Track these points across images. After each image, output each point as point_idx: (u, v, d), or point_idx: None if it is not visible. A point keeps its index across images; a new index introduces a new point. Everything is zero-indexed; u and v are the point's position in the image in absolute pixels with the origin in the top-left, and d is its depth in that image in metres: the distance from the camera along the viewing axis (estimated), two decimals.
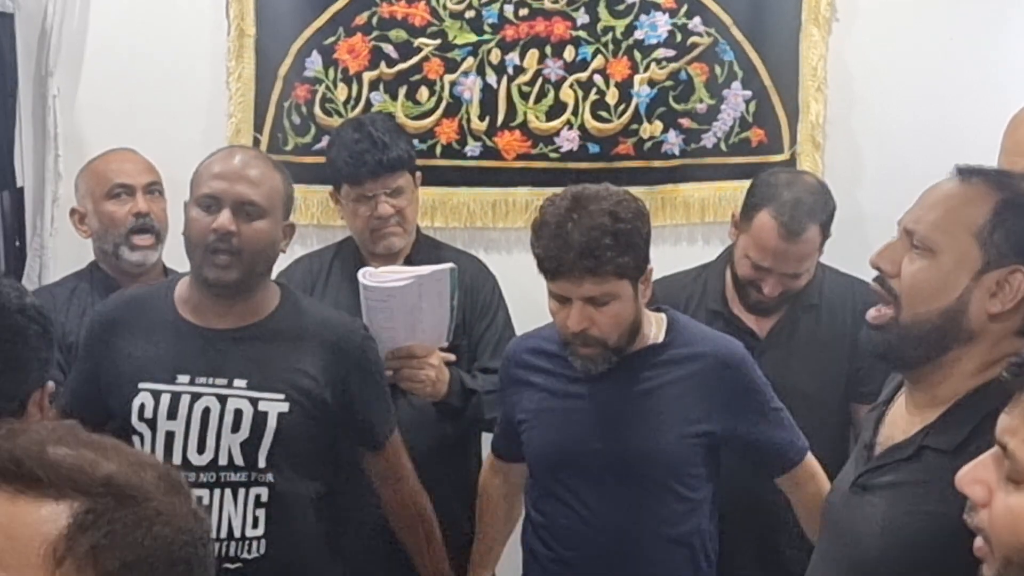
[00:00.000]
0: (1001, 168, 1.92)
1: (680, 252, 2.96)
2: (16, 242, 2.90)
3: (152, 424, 1.99)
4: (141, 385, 2.00)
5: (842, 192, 2.56)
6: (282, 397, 1.99)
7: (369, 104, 2.95)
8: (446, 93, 2.96)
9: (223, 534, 1.97)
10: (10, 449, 0.83)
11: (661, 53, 2.95)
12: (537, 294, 2.06)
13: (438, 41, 2.95)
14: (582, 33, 2.95)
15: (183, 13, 2.98)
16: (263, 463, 1.99)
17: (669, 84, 2.96)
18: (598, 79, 2.96)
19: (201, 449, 1.98)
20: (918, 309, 1.53)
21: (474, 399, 2.41)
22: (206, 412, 1.98)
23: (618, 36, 2.95)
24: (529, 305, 2.32)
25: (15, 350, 1.50)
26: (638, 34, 2.95)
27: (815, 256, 2.44)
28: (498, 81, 2.96)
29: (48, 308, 1.72)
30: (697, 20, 2.94)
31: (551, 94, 2.97)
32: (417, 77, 2.96)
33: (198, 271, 2.02)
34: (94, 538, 0.81)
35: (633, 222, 1.92)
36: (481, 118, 2.97)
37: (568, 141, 2.98)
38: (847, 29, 2.96)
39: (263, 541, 2.00)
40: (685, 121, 2.97)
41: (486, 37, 2.95)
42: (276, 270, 2.15)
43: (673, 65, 2.95)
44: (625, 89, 2.96)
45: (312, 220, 2.98)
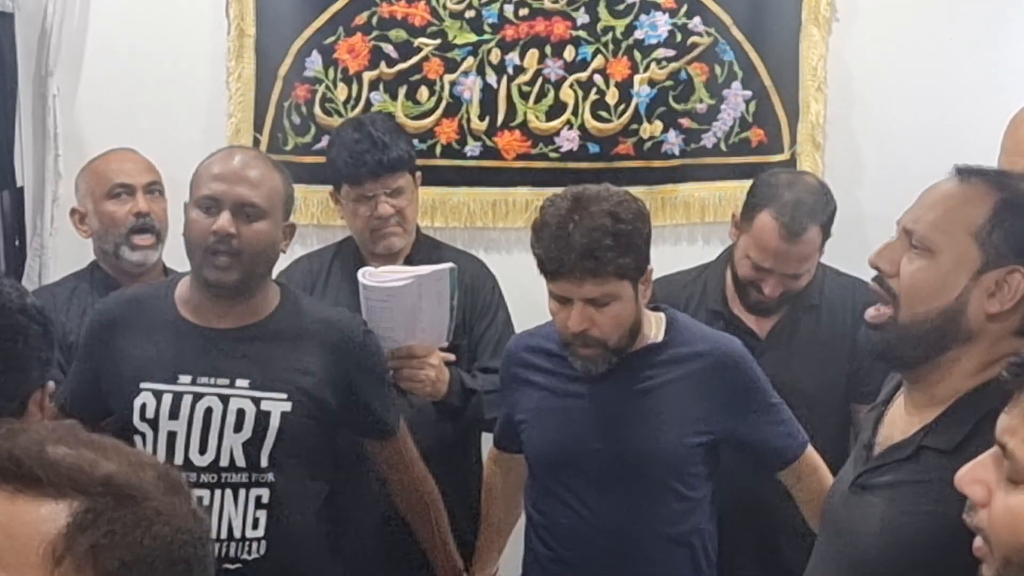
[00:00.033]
0: (1001, 168, 1.92)
1: (680, 252, 2.96)
2: (16, 242, 2.90)
3: (154, 424, 1.99)
4: (143, 385, 2.00)
5: (842, 192, 2.56)
6: (284, 396, 1.99)
7: (369, 104, 2.95)
8: (446, 93, 2.96)
9: (223, 535, 1.97)
10: (9, 448, 0.83)
11: (661, 53, 2.95)
12: (537, 294, 2.06)
13: (438, 41, 2.95)
14: (582, 33, 2.95)
15: (183, 13, 2.98)
16: (265, 463, 1.99)
17: (669, 84, 2.96)
18: (598, 79, 2.96)
19: (203, 449, 1.98)
20: (917, 309, 1.53)
21: (474, 399, 2.41)
22: (208, 412, 1.98)
23: (618, 36, 2.95)
24: (529, 305, 2.32)
25: (16, 349, 1.50)
26: (638, 34, 2.95)
27: (816, 257, 2.44)
28: (498, 81, 2.96)
29: (48, 308, 1.72)
30: (697, 20, 2.94)
31: (551, 94, 2.97)
32: (417, 77, 2.96)
33: (198, 272, 2.02)
34: (93, 537, 0.81)
35: (634, 223, 1.92)
36: (481, 118, 2.97)
37: (568, 141, 2.98)
38: (847, 29, 2.96)
39: (263, 542, 2.00)
40: (685, 121, 2.98)
41: (486, 37, 2.95)
42: (276, 270, 2.15)
43: (673, 65, 2.95)
44: (625, 89, 2.96)
45: (312, 220, 2.98)
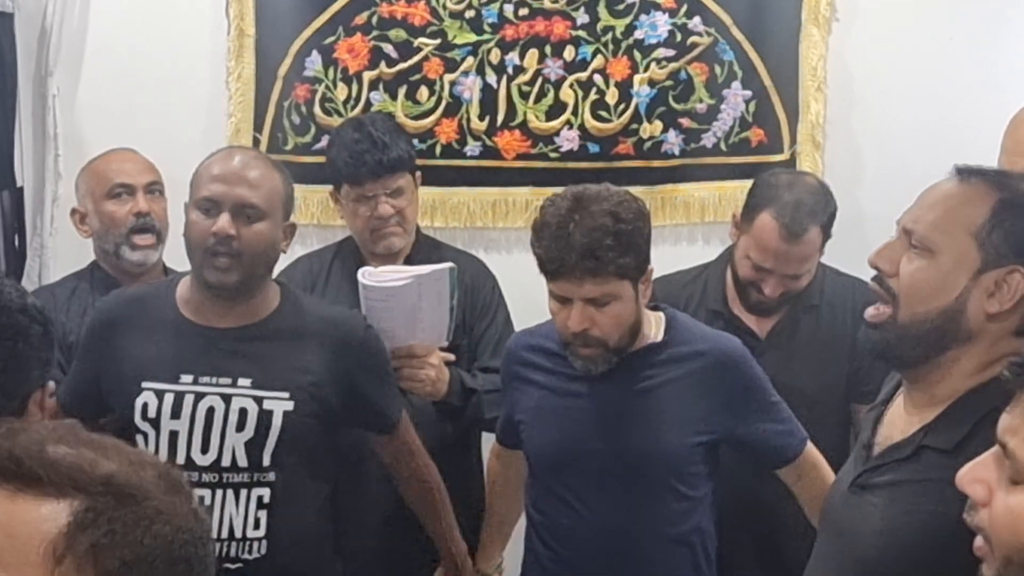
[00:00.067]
0: (1001, 168, 1.92)
1: (680, 252, 2.96)
2: (16, 242, 2.90)
3: (156, 424, 1.98)
4: (144, 384, 2.00)
5: (842, 192, 2.56)
6: (287, 395, 1.99)
7: (369, 104, 2.95)
8: (446, 93, 2.96)
9: (224, 535, 1.97)
10: (10, 448, 0.83)
11: (661, 53, 2.95)
12: (537, 294, 2.06)
13: (438, 41, 2.95)
14: (582, 33, 2.95)
15: (183, 13, 2.98)
16: (267, 462, 1.99)
17: (669, 84, 2.96)
18: (598, 79, 2.96)
19: (205, 449, 1.97)
20: (916, 309, 1.53)
21: (474, 399, 2.41)
22: (210, 412, 1.98)
23: (618, 36, 2.95)
24: (529, 305, 2.32)
25: (17, 349, 1.50)
26: (638, 34, 2.95)
27: (816, 257, 2.44)
28: (498, 81, 2.96)
29: (49, 308, 1.72)
30: (697, 20, 2.94)
31: (551, 94, 2.97)
32: (417, 77, 2.96)
33: (199, 273, 2.02)
34: (94, 536, 0.81)
35: (634, 222, 1.92)
36: (481, 118, 2.97)
37: (568, 141, 2.98)
38: (847, 29, 2.96)
39: (264, 542, 1.99)
40: (685, 121, 2.97)
41: (486, 37, 2.95)
42: (276, 270, 2.15)
43: (673, 65, 2.95)
44: (625, 89, 2.96)
45: (312, 220, 2.98)
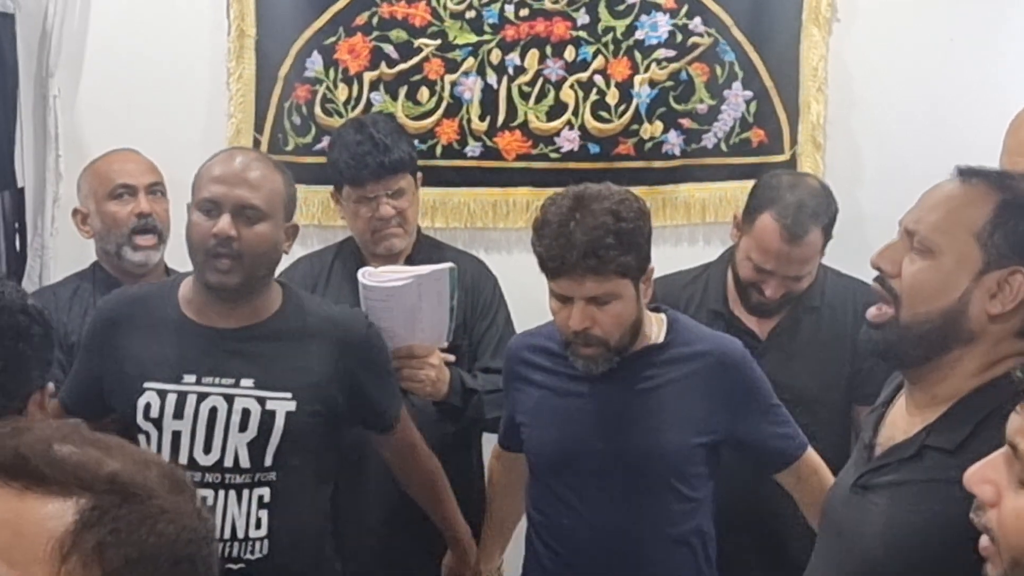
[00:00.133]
0: (1002, 168, 1.92)
1: (680, 252, 2.96)
2: (17, 243, 2.90)
3: (158, 424, 1.98)
4: (146, 384, 2.00)
5: (842, 192, 2.56)
6: (289, 396, 1.99)
7: (369, 104, 2.95)
8: (446, 93, 2.96)
9: (227, 535, 1.97)
10: (15, 446, 0.83)
11: (661, 53, 2.95)
12: (538, 294, 2.06)
13: (438, 41, 2.95)
14: (582, 33, 2.95)
15: (183, 13, 2.98)
16: (269, 462, 1.99)
17: (669, 84, 2.96)
18: (598, 79, 2.96)
19: (207, 449, 1.97)
20: (918, 309, 1.53)
21: (474, 399, 2.40)
22: (213, 412, 1.98)
23: (618, 36, 2.95)
24: (530, 305, 2.32)
25: (17, 349, 1.50)
26: (638, 34, 2.95)
27: (817, 258, 2.44)
28: (498, 81, 2.96)
29: (50, 308, 1.73)
30: (697, 20, 2.94)
31: (551, 94, 2.97)
32: (417, 77, 2.96)
33: (200, 274, 2.02)
34: (99, 535, 0.81)
35: (636, 221, 1.92)
36: (481, 118, 2.97)
37: (568, 141, 2.98)
38: (847, 29, 2.97)
39: (266, 542, 1.99)
40: (685, 121, 2.98)
41: (486, 37, 2.95)
42: (277, 270, 2.15)
43: (673, 65, 2.96)
44: (625, 89, 2.96)
45: (313, 220, 2.98)
